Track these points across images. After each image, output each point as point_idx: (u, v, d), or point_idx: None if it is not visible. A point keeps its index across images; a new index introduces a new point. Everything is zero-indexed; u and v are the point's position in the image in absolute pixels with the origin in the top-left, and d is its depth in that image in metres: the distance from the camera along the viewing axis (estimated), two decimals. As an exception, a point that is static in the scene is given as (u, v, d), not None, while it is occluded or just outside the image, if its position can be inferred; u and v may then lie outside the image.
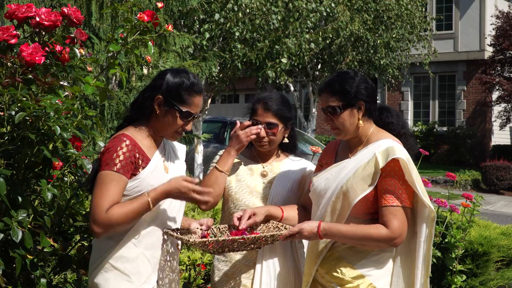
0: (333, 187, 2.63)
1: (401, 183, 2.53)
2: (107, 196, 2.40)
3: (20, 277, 2.72)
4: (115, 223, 2.39)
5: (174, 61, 7.67)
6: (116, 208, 2.40)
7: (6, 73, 2.59)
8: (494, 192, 16.69)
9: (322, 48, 14.18)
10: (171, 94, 2.53)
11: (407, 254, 2.65)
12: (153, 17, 2.91)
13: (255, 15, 10.17)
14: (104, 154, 2.48)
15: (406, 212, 2.54)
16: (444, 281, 5.22)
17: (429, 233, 2.58)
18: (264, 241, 2.59)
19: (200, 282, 4.77)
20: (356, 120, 2.64)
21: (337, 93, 2.64)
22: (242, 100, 25.29)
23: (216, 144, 12.26)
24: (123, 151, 2.45)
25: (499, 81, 18.47)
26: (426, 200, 2.54)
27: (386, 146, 2.56)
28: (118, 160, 2.43)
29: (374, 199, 2.57)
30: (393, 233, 2.51)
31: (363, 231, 2.53)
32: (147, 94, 2.57)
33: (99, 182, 2.44)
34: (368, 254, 2.61)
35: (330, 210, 2.63)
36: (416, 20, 16.10)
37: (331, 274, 2.65)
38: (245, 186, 2.96)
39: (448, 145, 20.45)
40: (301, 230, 2.57)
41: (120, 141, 2.48)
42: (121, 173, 2.43)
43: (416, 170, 2.56)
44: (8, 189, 2.49)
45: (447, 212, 5.04)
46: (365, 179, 2.56)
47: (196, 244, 2.46)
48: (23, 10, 2.67)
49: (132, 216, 2.42)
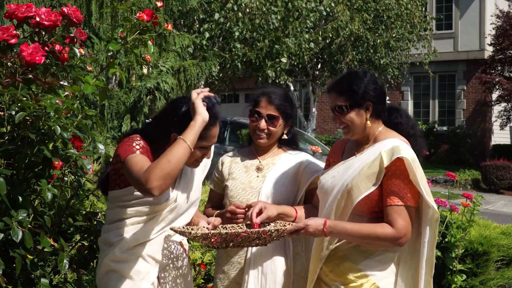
0: (339, 185, 2.63)
1: (406, 183, 2.52)
2: (144, 168, 2.33)
3: (20, 277, 2.72)
4: (161, 176, 2.29)
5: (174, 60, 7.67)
6: (155, 163, 2.33)
7: (6, 73, 2.59)
8: (494, 192, 16.69)
9: (322, 48, 14.18)
10: None
11: (412, 254, 2.64)
12: (153, 16, 2.91)
13: (255, 14, 10.17)
14: (119, 147, 2.49)
15: (411, 211, 2.54)
16: (444, 281, 5.22)
17: (433, 233, 2.57)
18: (268, 236, 2.55)
19: (200, 282, 4.77)
20: (364, 120, 2.64)
21: (345, 93, 2.64)
22: (242, 99, 25.29)
23: (216, 143, 12.24)
24: (138, 143, 2.47)
25: (499, 80, 18.46)
26: (430, 200, 2.53)
27: (392, 145, 2.55)
28: (137, 147, 2.44)
29: (379, 198, 2.57)
30: (399, 233, 2.51)
31: (368, 230, 2.53)
32: (162, 129, 2.54)
33: (129, 165, 2.38)
34: (372, 254, 2.60)
35: (335, 207, 2.63)
36: (416, 20, 16.10)
37: (335, 273, 2.65)
38: (239, 183, 2.97)
39: (448, 144, 20.45)
40: (306, 226, 2.56)
41: (133, 139, 2.50)
42: (142, 153, 2.43)
43: (421, 170, 2.55)
44: (8, 189, 2.49)
45: (447, 211, 5.04)
46: (370, 177, 2.55)
47: (199, 237, 2.44)
48: (23, 10, 2.67)
49: (173, 161, 2.32)
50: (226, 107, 25.18)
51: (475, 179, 17.47)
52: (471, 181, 17.32)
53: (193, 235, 2.44)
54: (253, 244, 2.60)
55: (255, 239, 2.55)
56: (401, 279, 2.64)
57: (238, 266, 2.93)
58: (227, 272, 2.95)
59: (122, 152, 2.46)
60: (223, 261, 2.97)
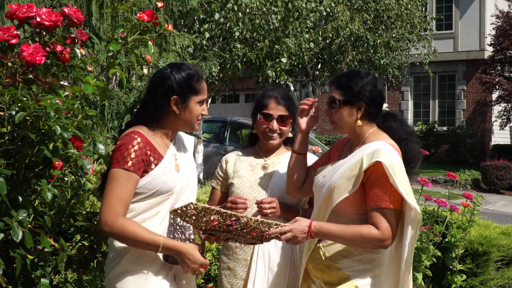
0: (327, 185, 2.66)
1: (388, 186, 2.53)
2: (119, 197, 2.41)
3: (21, 277, 2.72)
4: (122, 235, 2.41)
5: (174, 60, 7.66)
6: (133, 224, 2.41)
7: (6, 73, 2.59)
8: (494, 192, 16.70)
9: (322, 48, 14.18)
10: (185, 90, 2.57)
11: (395, 255, 2.64)
12: (153, 16, 2.91)
13: (255, 15, 10.17)
14: (115, 152, 2.49)
15: (395, 214, 2.55)
16: (444, 281, 5.23)
17: (414, 234, 2.58)
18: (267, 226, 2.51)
19: (201, 282, 4.77)
20: (354, 119, 2.66)
21: (342, 87, 2.68)
22: (242, 100, 25.29)
23: (216, 144, 12.26)
24: (134, 149, 2.46)
25: (499, 81, 18.47)
26: (413, 202, 2.53)
27: (374, 149, 2.56)
28: (130, 158, 2.44)
29: (361, 200, 2.58)
30: (384, 234, 2.52)
31: (354, 231, 2.54)
32: (160, 99, 2.57)
33: (111, 180, 2.45)
34: (350, 254, 2.62)
35: (320, 206, 2.67)
36: (416, 20, 16.09)
37: (317, 270, 2.69)
38: (246, 181, 3.04)
39: (448, 144, 20.45)
40: (292, 229, 2.54)
41: (131, 138, 2.49)
42: (132, 171, 2.44)
43: (401, 174, 2.54)
44: (9, 189, 2.49)
45: (447, 211, 5.04)
46: (350, 179, 2.58)
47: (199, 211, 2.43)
48: (24, 10, 2.67)
49: (138, 241, 2.42)
50: (226, 107, 25.18)
51: (475, 179, 17.47)
52: (471, 181, 17.33)
53: (194, 206, 2.43)
54: (247, 238, 2.57)
55: (250, 230, 2.51)
56: (382, 280, 2.64)
57: (244, 263, 2.98)
58: (233, 269, 3.00)
59: (115, 158, 2.47)
60: (228, 258, 3.03)
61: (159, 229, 2.53)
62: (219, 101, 23.27)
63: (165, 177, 2.53)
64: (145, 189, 2.49)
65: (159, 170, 2.52)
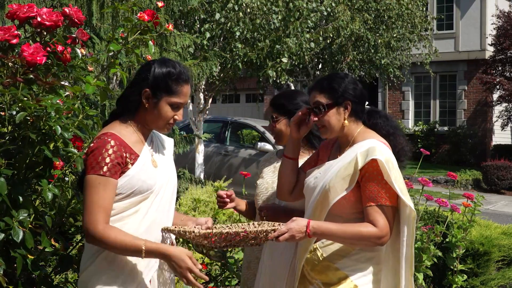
0: (320, 186, 2.65)
1: (384, 183, 2.54)
2: (98, 204, 2.33)
3: (21, 277, 2.72)
4: (104, 243, 2.33)
5: (174, 61, 7.66)
6: (114, 231, 2.33)
7: (7, 73, 2.59)
8: (495, 192, 16.68)
9: (322, 48, 14.17)
10: (159, 86, 2.45)
11: (392, 253, 2.66)
12: (154, 16, 2.91)
13: (255, 14, 10.17)
14: (89, 156, 2.39)
15: (390, 211, 2.56)
16: (445, 281, 5.23)
17: (410, 232, 2.60)
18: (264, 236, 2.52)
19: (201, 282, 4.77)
20: (342, 119, 2.67)
21: (325, 91, 2.67)
22: (243, 100, 25.29)
23: (217, 144, 12.25)
24: (109, 153, 2.36)
25: (500, 81, 18.46)
26: (407, 199, 2.55)
27: (368, 147, 2.58)
28: (104, 163, 2.35)
29: (356, 199, 2.59)
30: (382, 231, 2.53)
31: (353, 229, 2.54)
32: (134, 88, 2.48)
33: (87, 187, 2.36)
34: (348, 253, 2.62)
35: (314, 208, 2.66)
36: (417, 20, 16.08)
37: (315, 272, 2.68)
38: (264, 183, 3.15)
39: (449, 144, 20.43)
40: (289, 229, 2.53)
41: (104, 142, 2.39)
42: (108, 176, 2.35)
43: (396, 171, 2.56)
44: (9, 189, 2.49)
45: (448, 211, 5.04)
46: (345, 179, 2.58)
47: (199, 237, 2.39)
48: (25, 10, 2.67)
49: (121, 248, 2.34)
50: (227, 107, 25.19)
51: (476, 179, 17.46)
52: (472, 181, 17.31)
53: (196, 234, 2.38)
54: (248, 244, 2.58)
55: (251, 239, 2.52)
56: (382, 278, 2.66)
57: (256, 260, 3.13)
58: (249, 266, 3.22)
59: (89, 163, 2.38)
60: (248, 256, 3.24)
61: (140, 228, 2.44)
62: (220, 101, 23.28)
63: (143, 174, 2.44)
64: (123, 189, 2.41)
65: (136, 169, 2.43)
